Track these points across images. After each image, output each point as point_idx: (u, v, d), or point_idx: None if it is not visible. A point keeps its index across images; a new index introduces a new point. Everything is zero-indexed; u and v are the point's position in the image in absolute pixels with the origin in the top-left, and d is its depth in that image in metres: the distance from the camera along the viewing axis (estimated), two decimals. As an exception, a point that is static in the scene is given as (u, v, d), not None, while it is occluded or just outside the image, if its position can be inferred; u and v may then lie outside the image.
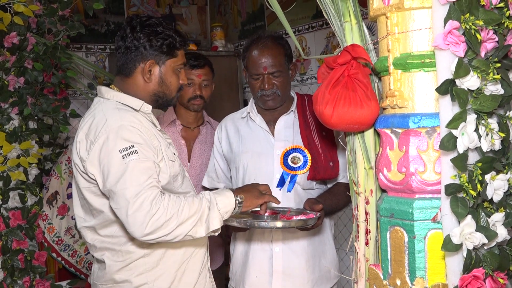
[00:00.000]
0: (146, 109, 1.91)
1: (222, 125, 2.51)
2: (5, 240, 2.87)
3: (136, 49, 1.89)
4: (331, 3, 1.56)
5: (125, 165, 1.71)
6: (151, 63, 1.89)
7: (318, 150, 2.28)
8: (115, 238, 1.86)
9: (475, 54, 1.25)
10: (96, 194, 1.83)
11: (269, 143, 2.34)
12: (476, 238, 1.24)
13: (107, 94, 1.91)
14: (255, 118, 2.39)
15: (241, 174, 2.36)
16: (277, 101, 2.32)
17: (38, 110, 2.95)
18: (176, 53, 1.92)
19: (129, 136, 1.76)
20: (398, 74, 1.42)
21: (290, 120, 2.37)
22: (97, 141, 1.76)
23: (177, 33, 1.94)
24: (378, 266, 1.52)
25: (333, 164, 2.28)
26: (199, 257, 1.98)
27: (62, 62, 3.05)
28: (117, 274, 1.86)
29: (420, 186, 1.38)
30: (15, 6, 2.76)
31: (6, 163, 2.85)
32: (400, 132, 1.42)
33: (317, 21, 4.01)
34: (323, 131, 2.30)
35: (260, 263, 2.31)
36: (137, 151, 1.73)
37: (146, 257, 1.85)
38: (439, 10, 1.27)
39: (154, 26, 1.90)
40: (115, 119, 1.79)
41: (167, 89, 1.94)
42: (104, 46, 4.37)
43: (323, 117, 1.54)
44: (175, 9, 4.77)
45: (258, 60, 2.27)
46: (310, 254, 2.31)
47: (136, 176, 1.71)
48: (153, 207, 1.67)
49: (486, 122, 1.25)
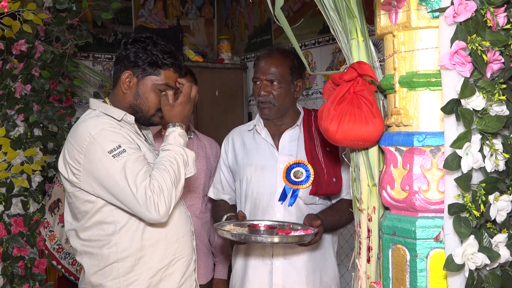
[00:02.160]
0: (129, 119, 1.97)
1: (229, 137, 2.52)
2: (6, 246, 2.87)
3: (122, 59, 1.98)
4: (338, 20, 1.57)
5: (119, 163, 1.80)
6: (129, 74, 1.96)
7: (321, 165, 2.28)
8: (93, 242, 1.90)
9: (481, 75, 1.25)
10: (79, 197, 1.89)
11: (273, 157, 2.35)
12: (478, 259, 1.24)
13: (94, 105, 2.00)
14: (261, 132, 2.40)
15: (244, 186, 2.36)
16: (273, 112, 2.33)
17: (43, 118, 2.97)
18: (158, 71, 1.97)
19: (113, 137, 1.84)
20: (403, 92, 1.42)
21: (295, 135, 2.37)
22: (84, 150, 1.84)
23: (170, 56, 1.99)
24: (379, 284, 1.51)
25: (336, 180, 2.28)
26: (179, 266, 1.97)
27: (69, 70, 3.07)
28: (93, 277, 1.91)
29: (423, 204, 1.38)
30: (24, 14, 2.78)
31: (10, 169, 2.86)
32: (404, 150, 1.42)
33: (324, 36, 4.02)
34: (327, 147, 2.30)
35: (260, 276, 2.31)
36: (125, 150, 1.82)
37: (120, 262, 1.88)
38: (446, 30, 1.28)
39: (146, 43, 1.97)
40: (95, 125, 1.87)
41: (143, 104, 1.98)
42: (111, 56, 4.39)
43: (328, 133, 1.55)
44: (182, 21, 4.80)
45: (260, 65, 2.34)
46: (310, 270, 2.30)
47: (132, 169, 1.80)
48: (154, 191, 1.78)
49: (491, 143, 1.25)
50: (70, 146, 1.88)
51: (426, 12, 1.38)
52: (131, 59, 1.96)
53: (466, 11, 1.23)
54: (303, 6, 4.18)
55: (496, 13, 1.25)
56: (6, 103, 2.88)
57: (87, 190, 1.86)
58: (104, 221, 1.88)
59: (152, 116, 2.02)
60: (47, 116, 2.98)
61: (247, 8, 4.79)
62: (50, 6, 3.02)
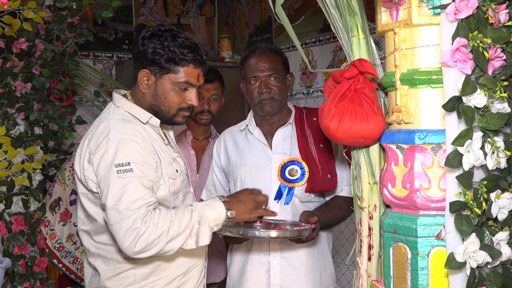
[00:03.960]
0: (154, 123, 1.89)
1: (220, 138, 2.51)
2: (7, 245, 2.87)
3: (140, 55, 1.88)
4: (339, 17, 1.56)
5: (120, 181, 1.71)
6: (146, 72, 1.86)
7: (315, 162, 2.28)
8: (107, 246, 1.86)
9: (483, 72, 1.25)
10: (91, 202, 1.84)
11: (267, 156, 2.35)
12: (480, 257, 1.24)
13: (119, 102, 1.90)
14: (253, 131, 2.39)
15: (239, 186, 2.35)
16: (275, 107, 2.33)
17: (44, 116, 2.96)
18: (176, 68, 1.85)
19: (127, 151, 1.75)
20: (404, 89, 1.42)
21: (288, 133, 2.37)
22: (98, 152, 1.76)
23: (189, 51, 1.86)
24: (380, 282, 1.51)
25: (331, 177, 2.29)
26: (194, 273, 1.96)
27: (70, 69, 3.07)
28: (108, 282, 1.86)
29: (424, 202, 1.38)
30: (24, 12, 2.78)
31: (11, 168, 2.86)
32: (405, 148, 1.41)
33: (324, 35, 4.02)
34: (320, 144, 2.31)
35: (258, 276, 2.30)
36: (132, 170, 1.72)
37: (136, 268, 1.84)
38: (447, 27, 1.28)
39: (164, 37, 1.85)
40: (117, 132, 1.78)
41: (163, 104, 1.88)
42: (111, 54, 4.39)
43: (329, 130, 1.54)
44: (183, 19, 4.79)
45: (256, 64, 2.31)
46: (310, 269, 2.30)
47: (130, 194, 1.70)
48: (143, 226, 1.67)
49: (492, 140, 1.25)
50: (87, 143, 1.82)
51: (427, 9, 1.37)
52: (148, 56, 1.84)
53: (468, 8, 1.23)
54: (304, 4, 4.17)
55: (498, 10, 1.24)
56: (6, 102, 2.88)
57: (94, 191, 1.80)
58: None
59: (174, 116, 1.91)
60: (48, 115, 2.98)
61: (248, 7, 4.79)
62: (50, 5, 3.01)
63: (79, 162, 1.84)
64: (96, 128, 1.84)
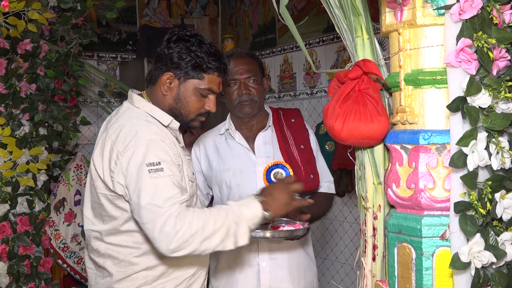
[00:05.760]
0: (174, 126, 1.89)
1: (199, 143, 2.49)
2: (12, 245, 2.88)
3: (164, 58, 1.87)
4: (343, 17, 1.56)
5: (152, 181, 1.70)
6: (170, 75, 1.86)
7: (298, 163, 2.32)
8: (121, 247, 1.85)
9: (487, 72, 1.25)
10: (112, 202, 1.82)
11: (251, 160, 2.36)
12: (484, 257, 1.23)
13: (138, 103, 1.90)
14: (234, 135, 2.40)
15: (226, 192, 2.36)
16: (254, 108, 2.35)
17: (48, 117, 2.97)
18: (201, 75, 1.86)
19: (157, 152, 1.75)
20: (409, 90, 1.42)
21: (268, 136, 2.40)
22: (126, 152, 1.75)
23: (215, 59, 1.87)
24: (385, 282, 1.51)
25: (313, 177, 2.34)
26: (200, 277, 1.97)
27: (74, 69, 3.08)
28: (117, 284, 1.85)
29: (429, 202, 1.38)
30: (29, 13, 2.79)
31: (16, 168, 2.87)
32: (410, 148, 1.41)
33: (328, 35, 4.02)
34: (301, 145, 2.36)
35: (248, 278, 2.31)
36: (163, 169, 1.72)
37: (148, 270, 1.84)
38: (452, 28, 1.28)
39: (191, 43, 1.85)
40: (145, 132, 1.78)
41: (184, 108, 1.89)
42: (115, 55, 4.40)
43: (333, 131, 1.55)
44: (187, 20, 4.81)
45: (234, 67, 2.32)
46: (294, 267, 2.34)
47: (162, 192, 1.70)
48: (178, 223, 1.66)
49: (497, 140, 1.25)
50: (112, 145, 1.79)
51: (431, 10, 1.37)
52: (174, 60, 1.84)
53: (472, 8, 1.23)
54: (307, 5, 4.17)
55: (502, 10, 1.24)
56: (11, 103, 2.89)
57: (120, 193, 1.78)
58: (136, 229, 1.81)
59: (192, 121, 1.92)
60: (52, 115, 2.99)
61: (251, 7, 4.79)
62: (54, 6, 3.03)
63: (101, 163, 1.81)
64: (121, 129, 1.81)
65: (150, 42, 4.30)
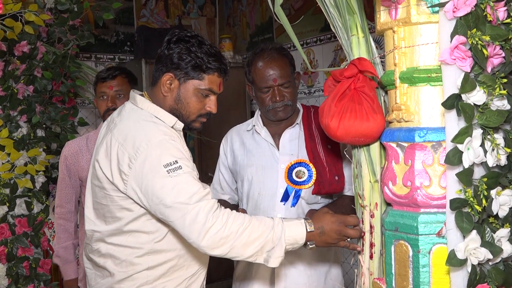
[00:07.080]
0: (179, 127, 1.88)
1: (227, 137, 2.48)
2: (11, 247, 2.89)
3: (164, 58, 1.87)
4: (338, 16, 1.57)
5: (173, 179, 1.69)
6: (171, 76, 1.85)
7: (323, 164, 2.24)
8: (123, 247, 1.84)
9: (482, 69, 1.25)
10: (119, 203, 1.81)
11: (274, 157, 2.31)
12: (481, 254, 1.24)
13: (141, 104, 1.88)
14: (261, 131, 2.36)
15: (246, 187, 2.34)
16: (288, 112, 2.29)
17: (46, 118, 2.98)
18: (201, 75, 1.85)
19: (171, 151, 1.73)
20: (404, 88, 1.42)
21: (296, 133, 2.33)
22: (139, 156, 1.73)
23: (215, 59, 1.87)
24: (382, 280, 1.51)
25: (338, 178, 2.24)
26: (200, 276, 1.96)
27: (71, 71, 3.08)
28: (119, 284, 1.85)
29: (425, 200, 1.38)
30: (26, 15, 2.79)
31: (14, 170, 2.87)
32: (405, 146, 1.42)
33: (325, 34, 4.03)
34: (328, 145, 2.27)
35: (263, 278, 2.29)
36: (181, 167, 1.70)
37: (150, 270, 1.84)
38: (446, 25, 1.28)
39: (191, 43, 1.85)
40: (155, 134, 1.76)
41: (184, 109, 1.88)
42: (113, 56, 4.41)
43: (329, 129, 1.55)
44: (184, 20, 4.81)
45: (266, 73, 2.22)
46: (313, 271, 2.28)
47: (185, 189, 1.68)
48: (209, 220, 1.64)
49: (492, 137, 1.25)
50: (120, 147, 1.76)
51: (426, 7, 1.38)
52: (174, 60, 1.84)
53: (466, 5, 1.23)
54: (304, 4, 4.18)
55: (496, 7, 1.24)
56: (9, 104, 2.89)
57: (131, 197, 1.76)
58: (139, 230, 1.81)
59: (193, 122, 1.91)
60: (50, 117, 2.99)
61: (249, 7, 4.80)
62: (51, 7, 3.03)
63: (109, 165, 1.79)
64: (128, 131, 1.80)
65: (148, 43, 4.30)
